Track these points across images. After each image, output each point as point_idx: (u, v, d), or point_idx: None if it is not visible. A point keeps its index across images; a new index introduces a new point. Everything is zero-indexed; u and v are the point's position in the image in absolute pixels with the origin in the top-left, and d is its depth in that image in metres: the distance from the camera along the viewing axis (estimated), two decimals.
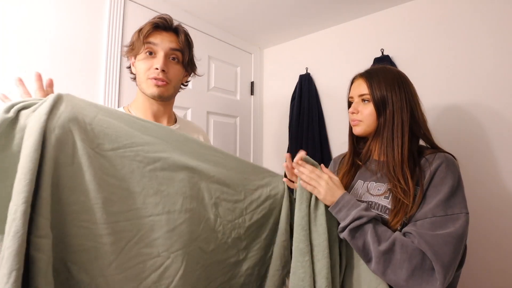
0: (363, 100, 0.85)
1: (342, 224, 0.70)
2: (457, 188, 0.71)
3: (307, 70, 1.80)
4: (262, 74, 2.10)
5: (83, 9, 1.20)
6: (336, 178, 0.76)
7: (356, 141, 0.94)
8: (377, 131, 0.83)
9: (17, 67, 1.03)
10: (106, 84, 1.24)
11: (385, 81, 0.82)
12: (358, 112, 0.85)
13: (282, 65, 1.99)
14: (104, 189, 0.57)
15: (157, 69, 0.79)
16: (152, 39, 0.79)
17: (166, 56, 0.81)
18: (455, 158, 0.78)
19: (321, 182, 0.73)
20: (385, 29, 1.51)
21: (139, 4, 1.39)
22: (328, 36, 1.75)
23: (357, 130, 0.86)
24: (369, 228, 0.68)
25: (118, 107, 1.27)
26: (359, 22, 1.62)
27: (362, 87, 0.85)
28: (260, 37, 1.92)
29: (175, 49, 0.82)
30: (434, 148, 0.82)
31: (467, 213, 0.69)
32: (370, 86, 0.83)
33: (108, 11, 1.26)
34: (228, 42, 1.84)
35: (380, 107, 0.81)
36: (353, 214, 0.68)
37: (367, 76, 0.85)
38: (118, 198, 0.59)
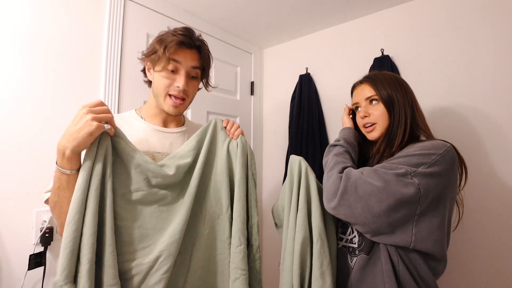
0: (371, 101, 0.87)
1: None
2: (417, 155, 0.72)
3: (307, 70, 1.80)
4: (262, 74, 2.10)
5: (83, 9, 1.20)
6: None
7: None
8: (389, 130, 0.84)
9: (18, 68, 1.03)
10: (106, 84, 1.24)
11: (386, 81, 0.86)
12: (369, 115, 0.87)
13: (282, 65, 1.99)
14: None
15: (178, 87, 0.80)
16: (175, 56, 0.79)
17: (187, 74, 0.82)
18: (454, 147, 0.77)
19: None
20: (385, 29, 1.51)
21: (139, 4, 1.39)
22: (328, 36, 1.75)
23: (375, 135, 0.87)
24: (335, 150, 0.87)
25: (118, 108, 1.27)
26: (359, 22, 1.62)
27: (367, 90, 0.88)
28: (260, 37, 1.92)
29: (195, 67, 0.83)
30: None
31: (410, 171, 0.69)
32: (376, 87, 0.86)
33: (108, 11, 1.26)
34: (228, 42, 1.84)
35: (389, 105, 0.84)
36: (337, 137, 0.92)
37: (369, 79, 0.89)
38: None
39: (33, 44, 1.06)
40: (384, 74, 0.89)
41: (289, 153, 1.78)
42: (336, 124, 1.67)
